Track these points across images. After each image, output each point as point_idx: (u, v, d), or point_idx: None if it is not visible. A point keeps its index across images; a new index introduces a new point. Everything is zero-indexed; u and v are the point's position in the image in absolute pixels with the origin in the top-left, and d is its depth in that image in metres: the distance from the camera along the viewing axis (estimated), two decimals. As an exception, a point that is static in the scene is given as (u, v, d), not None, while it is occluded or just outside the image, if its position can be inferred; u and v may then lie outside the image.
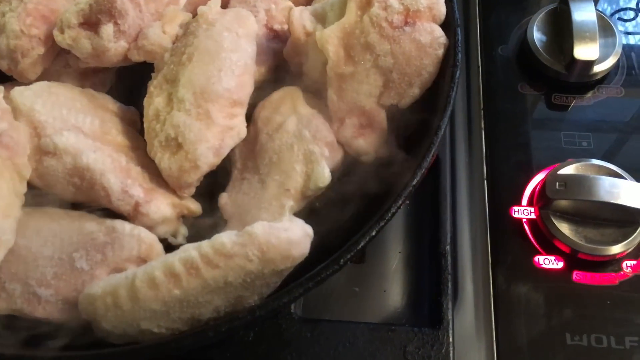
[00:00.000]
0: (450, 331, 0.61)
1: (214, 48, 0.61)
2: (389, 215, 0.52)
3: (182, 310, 0.52)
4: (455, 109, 0.80)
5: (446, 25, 0.62)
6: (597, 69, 0.77)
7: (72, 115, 0.62)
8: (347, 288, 0.71)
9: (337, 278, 0.72)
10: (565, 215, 0.67)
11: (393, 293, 0.71)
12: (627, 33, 0.84)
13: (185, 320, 0.53)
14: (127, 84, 0.73)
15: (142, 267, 0.53)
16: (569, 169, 0.70)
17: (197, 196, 0.65)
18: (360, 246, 0.51)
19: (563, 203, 0.66)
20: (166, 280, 0.52)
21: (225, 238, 0.52)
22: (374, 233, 0.51)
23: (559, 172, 0.68)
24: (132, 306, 0.52)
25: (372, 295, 0.71)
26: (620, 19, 0.86)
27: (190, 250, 0.52)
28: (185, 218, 0.64)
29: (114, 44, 0.64)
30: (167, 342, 0.47)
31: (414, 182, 0.53)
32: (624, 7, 0.87)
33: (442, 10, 0.62)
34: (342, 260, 0.50)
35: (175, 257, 0.52)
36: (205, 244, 0.52)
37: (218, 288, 0.52)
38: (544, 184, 0.67)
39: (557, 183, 0.65)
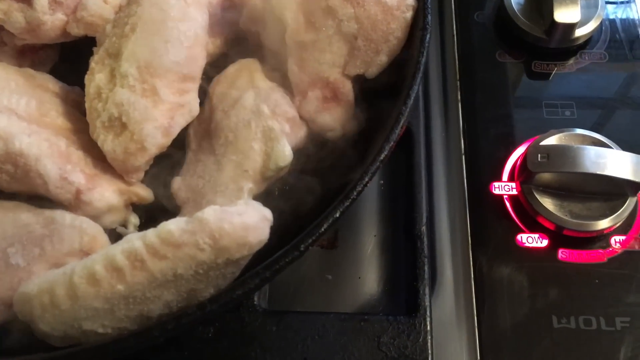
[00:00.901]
0: (428, 319, 0.57)
1: (160, 17, 0.55)
2: (355, 194, 0.47)
3: (129, 308, 0.47)
4: (430, 81, 0.75)
5: (414, -14, 0.57)
6: (579, 32, 0.73)
7: (4, 96, 0.56)
8: (320, 276, 0.66)
9: (308, 265, 0.67)
10: (549, 190, 0.63)
11: (369, 280, 0.66)
12: (610, -6, 0.79)
13: (133, 319, 0.48)
14: (74, 62, 0.67)
15: (82, 261, 0.48)
16: (552, 140, 0.65)
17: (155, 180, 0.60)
18: (323, 229, 0.46)
19: (546, 176, 0.62)
20: (108, 275, 0.46)
21: (173, 226, 0.46)
22: (337, 215, 0.46)
23: (540, 144, 0.63)
24: (71, 305, 0.47)
25: (347, 282, 0.66)
26: (601, -21, 0.81)
27: (134, 241, 0.47)
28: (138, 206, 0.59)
29: (50, 17, 0.58)
30: (106, 345, 0.42)
31: (382, 157, 0.48)
32: (606, -33, 0.82)
33: (409, -31, 0.57)
34: (302, 246, 0.45)
35: (117, 248, 0.47)
36: (150, 233, 0.47)
37: (167, 281, 0.47)
38: (525, 156, 0.62)
39: (539, 155, 0.60)
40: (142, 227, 0.59)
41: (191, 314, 0.43)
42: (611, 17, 0.77)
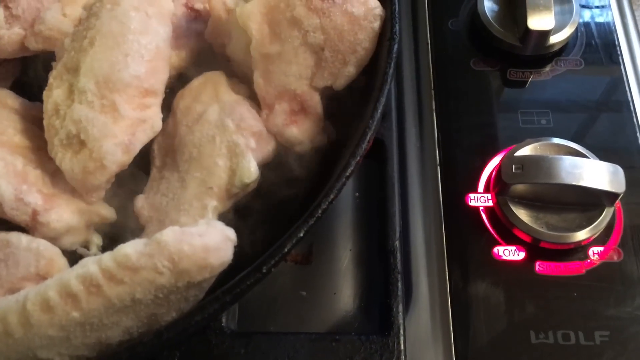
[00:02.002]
0: (402, 337, 0.55)
1: (119, 30, 0.53)
2: (319, 212, 0.45)
3: (85, 335, 0.45)
4: (404, 90, 0.73)
5: (382, -5, 0.56)
6: (554, 39, 0.71)
7: (-43, 114, 0.54)
8: (294, 292, 0.64)
9: (281, 282, 0.65)
10: (524, 201, 0.61)
11: (344, 295, 0.64)
12: (585, -1, 0.78)
13: (91, 346, 0.46)
14: (38, 77, 0.65)
15: (35, 287, 0.46)
16: (527, 150, 0.64)
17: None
18: (286, 249, 0.44)
19: (521, 187, 0.60)
20: (62, 301, 0.44)
21: (130, 249, 0.44)
22: (301, 234, 0.44)
23: (515, 154, 0.62)
24: (24, 333, 0.45)
25: (322, 299, 0.64)
26: (576, -16, 0.80)
27: (89, 265, 0.45)
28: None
29: (6, 31, 0.56)
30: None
31: (347, 173, 0.46)
32: (580, -28, 0.81)
33: (376, -22, 0.56)
34: (264, 268, 0.43)
35: (72, 273, 0.45)
36: (106, 257, 0.45)
37: (125, 307, 0.45)
38: (499, 168, 0.60)
39: (513, 166, 0.58)
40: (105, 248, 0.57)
41: (147, 342, 0.41)
42: (586, 22, 0.76)
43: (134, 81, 0.53)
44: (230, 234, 0.47)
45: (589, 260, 0.61)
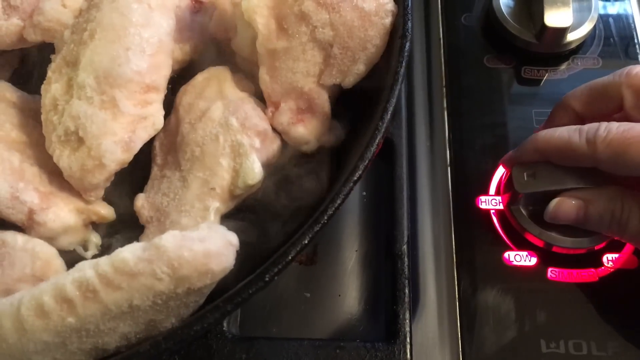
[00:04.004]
0: (408, 346, 0.53)
1: (120, 23, 0.51)
2: (325, 218, 0.43)
3: (82, 341, 0.44)
4: (415, 86, 0.71)
5: (394, -10, 0.53)
6: (571, 37, 0.69)
7: (-48, 107, 0.52)
8: (298, 293, 0.63)
9: (285, 283, 0.63)
10: (537, 206, 0.59)
11: (349, 298, 0.62)
12: (604, -5, 0.75)
13: (87, 352, 0.44)
14: (37, 69, 0.63)
15: (29, 291, 0.44)
16: (541, 152, 0.61)
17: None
18: (290, 257, 0.42)
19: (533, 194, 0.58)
20: (57, 306, 0.43)
21: (128, 253, 0.43)
22: (306, 241, 0.43)
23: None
24: (18, 338, 0.43)
25: (326, 301, 0.62)
26: (595, -20, 0.77)
27: (85, 270, 0.43)
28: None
29: (4, 22, 0.54)
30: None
31: (355, 177, 0.44)
32: (600, -33, 0.78)
33: (388, -28, 0.53)
34: (267, 276, 0.41)
35: (68, 278, 0.43)
36: (103, 261, 0.43)
37: (122, 313, 0.43)
38: (509, 175, 0.58)
39: (525, 174, 0.56)
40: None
41: (143, 352, 0.39)
42: (605, 19, 0.74)
43: (135, 76, 0.51)
44: (233, 238, 0.45)
45: (603, 267, 0.59)
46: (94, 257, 0.56)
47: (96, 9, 0.53)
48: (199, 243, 0.43)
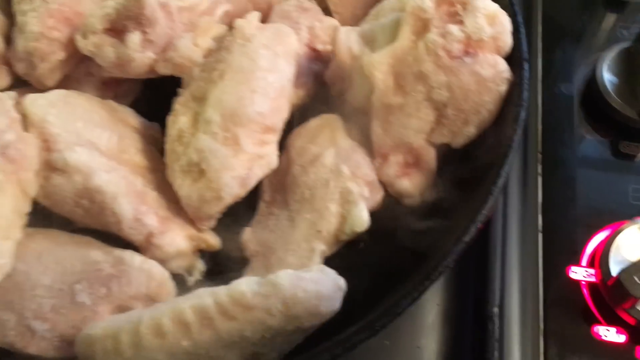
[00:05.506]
0: (493, 410, 0.53)
1: (249, 66, 0.55)
2: (436, 274, 0.45)
3: (189, 365, 0.46)
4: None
5: (511, 59, 0.55)
6: (673, 118, 0.69)
7: (88, 129, 0.56)
8: (378, 340, 0.63)
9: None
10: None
11: (428, 350, 0.63)
12: None
13: (192, 375, 0.46)
14: (153, 97, 0.67)
15: (149, 310, 0.47)
16: (635, 229, 0.61)
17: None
18: (400, 310, 0.43)
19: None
20: (175, 329, 0.45)
21: (245, 286, 0.45)
22: (417, 295, 0.44)
23: (632, 262, 0.58)
24: (133, 354, 0.46)
25: (404, 350, 0.63)
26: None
27: (204, 297, 0.46)
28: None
29: (140, 54, 0.58)
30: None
31: (466, 239, 0.46)
32: None
33: (508, 41, 0.55)
34: (377, 325, 0.43)
35: (187, 303, 0.46)
36: (222, 292, 0.46)
37: (233, 342, 0.45)
38: (617, 280, 0.57)
39: (635, 277, 0.56)
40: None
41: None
42: None
43: (257, 117, 0.54)
44: (342, 283, 0.47)
45: (695, 354, 0.58)
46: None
47: (226, 51, 0.57)
48: (312, 284, 0.45)
